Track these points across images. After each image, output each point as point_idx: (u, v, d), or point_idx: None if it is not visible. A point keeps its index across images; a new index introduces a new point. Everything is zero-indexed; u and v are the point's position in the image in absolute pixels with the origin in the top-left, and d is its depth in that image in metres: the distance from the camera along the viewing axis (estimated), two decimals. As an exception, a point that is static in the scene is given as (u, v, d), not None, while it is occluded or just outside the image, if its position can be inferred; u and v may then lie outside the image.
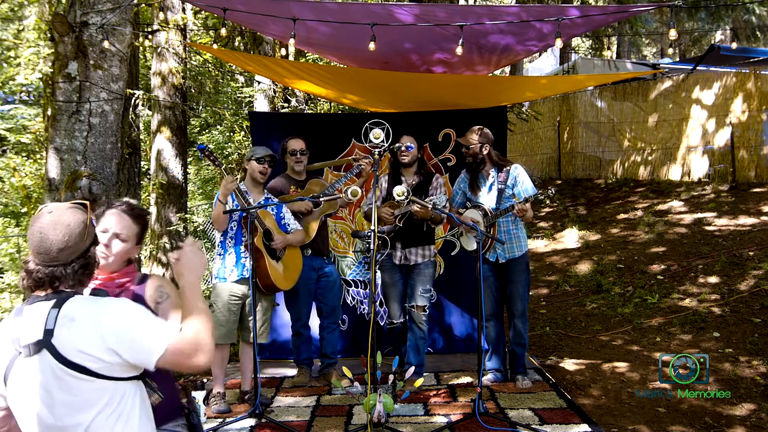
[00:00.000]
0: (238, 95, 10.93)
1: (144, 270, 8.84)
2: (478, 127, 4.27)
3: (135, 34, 6.98)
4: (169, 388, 1.92)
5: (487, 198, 4.24)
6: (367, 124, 5.07)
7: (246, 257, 3.79)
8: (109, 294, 1.79)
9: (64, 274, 1.64)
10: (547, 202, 10.83)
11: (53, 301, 1.61)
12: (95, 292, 1.77)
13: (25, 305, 1.65)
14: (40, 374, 1.56)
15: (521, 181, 4.19)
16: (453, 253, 5.14)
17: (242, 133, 10.48)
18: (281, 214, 4.07)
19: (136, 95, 7.96)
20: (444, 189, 4.34)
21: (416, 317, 4.23)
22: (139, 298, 2.08)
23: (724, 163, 9.59)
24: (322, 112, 9.34)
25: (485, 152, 4.22)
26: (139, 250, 2.18)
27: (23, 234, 10.25)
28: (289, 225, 4.06)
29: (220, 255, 3.93)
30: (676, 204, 8.97)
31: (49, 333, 1.56)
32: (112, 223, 2.07)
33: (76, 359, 1.56)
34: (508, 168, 4.23)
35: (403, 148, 4.14)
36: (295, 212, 4.20)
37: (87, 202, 1.77)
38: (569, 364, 4.81)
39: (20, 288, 1.75)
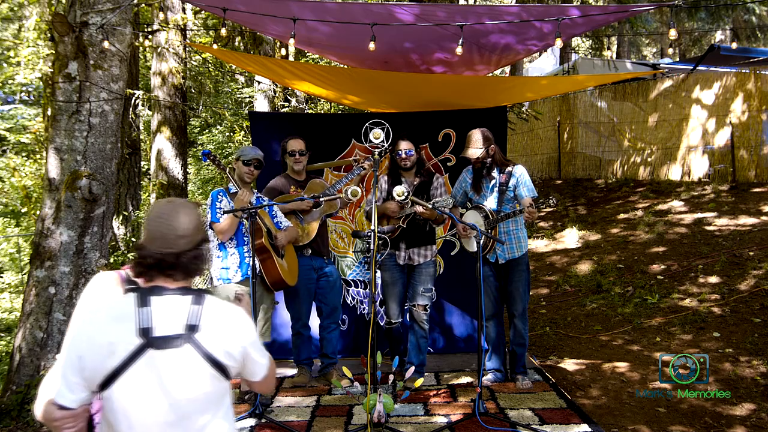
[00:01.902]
0: (238, 95, 10.94)
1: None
2: (478, 131, 4.19)
3: (135, 34, 6.98)
4: None
5: (489, 199, 4.24)
6: (367, 125, 5.07)
7: (251, 257, 3.80)
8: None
9: (175, 262, 1.61)
10: (551, 203, 10.83)
11: (190, 296, 1.60)
12: (201, 291, 1.72)
13: (152, 296, 1.59)
14: (178, 369, 1.54)
15: (523, 182, 4.17)
16: (453, 253, 5.14)
17: (242, 133, 10.49)
18: (273, 213, 4.11)
19: (136, 95, 7.97)
20: (444, 189, 4.34)
21: (417, 316, 4.23)
22: None
23: (724, 163, 9.60)
24: (322, 112, 9.35)
25: (491, 154, 4.21)
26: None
27: (23, 234, 10.25)
28: (281, 223, 4.11)
29: (218, 257, 3.93)
30: (676, 204, 8.97)
31: (192, 328, 1.55)
32: None
33: (220, 357, 1.56)
34: (510, 169, 4.21)
35: (403, 155, 4.16)
36: (296, 210, 4.22)
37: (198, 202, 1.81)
38: (569, 364, 4.81)
39: (133, 273, 1.71)
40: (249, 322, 1.67)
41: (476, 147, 4.15)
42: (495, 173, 4.22)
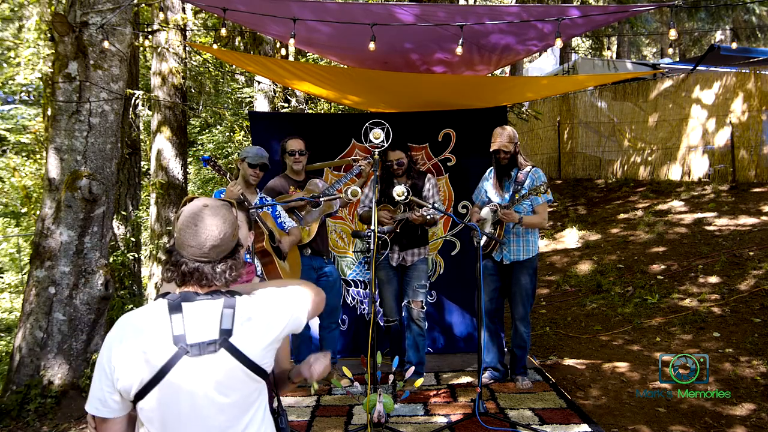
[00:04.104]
0: (238, 95, 10.95)
1: (144, 269, 8.84)
2: (508, 127, 4.27)
3: (135, 34, 6.98)
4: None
5: (506, 197, 4.25)
6: (367, 125, 5.05)
7: (251, 260, 3.80)
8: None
9: (211, 272, 1.56)
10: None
11: (221, 299, 1.56)
12: (231, 293, 1.66)
13: (183, 302, 1.55)
14: (215, 374, 1.51)
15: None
16: (453, 253, 5.14)
17: (242, 133, 10.49)
18: (276, 213, 4.08)
19: (136, 95, 7.97)
20: (437, 189, 4.35)
21: (414, 314, 4.24)
22: None
23: (724, 163, 9.60)
24: (322, 112, 9.36)
25: (517, 151, 4.27)
26: (252, 238, 2.19)
27: (23, 234, 10.25)
28: (285, 223, 4.08)
29: None
30: (676, 204, 8.97)
31: (227, 332, 1.52)
32: None
33: (257, 359, 1.53)
34: (528, 169, 4.25)
35: (394, 165, 4.23)
36: (295, 210, 4.22)
37: (233, 201, 1.72)
38: (569, 364, 4.81)
39: (163, 277, 1.70)
40: (280, 307, 1.63)
41: (511, 141, 4.21)
42: (512, 172, 4.26)
